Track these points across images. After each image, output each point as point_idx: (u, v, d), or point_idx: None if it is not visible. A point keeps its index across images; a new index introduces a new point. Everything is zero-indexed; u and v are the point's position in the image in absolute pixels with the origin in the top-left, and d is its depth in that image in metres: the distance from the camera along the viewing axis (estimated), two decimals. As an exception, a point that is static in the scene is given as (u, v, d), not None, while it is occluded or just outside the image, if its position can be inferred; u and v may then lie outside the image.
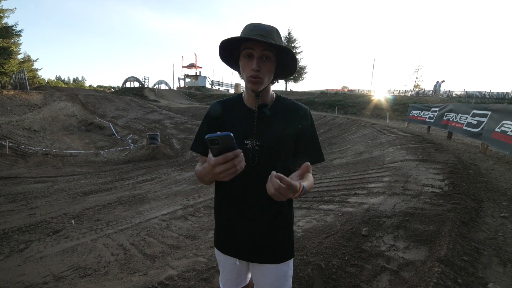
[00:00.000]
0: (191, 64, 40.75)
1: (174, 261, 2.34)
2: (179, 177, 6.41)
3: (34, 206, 4.28)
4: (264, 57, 0.77)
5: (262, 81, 0.78)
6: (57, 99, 15.00)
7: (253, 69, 0.76)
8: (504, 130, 4.40)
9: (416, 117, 8.97)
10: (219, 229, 0.95)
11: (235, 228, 0.88)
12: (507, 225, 2.23)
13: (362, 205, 2.75)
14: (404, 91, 26.23)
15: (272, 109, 0.86)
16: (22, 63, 26.74)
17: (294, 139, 0.87)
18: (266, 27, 0.78)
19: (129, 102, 19.17)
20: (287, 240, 0.91)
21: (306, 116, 0.88)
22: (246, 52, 0.78)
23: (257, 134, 0.84)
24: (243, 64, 0.80)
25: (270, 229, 0.86)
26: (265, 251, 0.87)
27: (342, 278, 1.66)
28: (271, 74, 0.82)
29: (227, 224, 0.90)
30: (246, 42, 0.77)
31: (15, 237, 3.10)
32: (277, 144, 0.84)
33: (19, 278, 2.21)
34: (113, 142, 11.53)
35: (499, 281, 1.57)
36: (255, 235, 0.86)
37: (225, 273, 0.97)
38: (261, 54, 0.76)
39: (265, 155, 0.83)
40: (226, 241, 0.92)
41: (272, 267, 0.88)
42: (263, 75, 0.78)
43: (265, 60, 0.78)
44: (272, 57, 0.79)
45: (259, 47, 0.76)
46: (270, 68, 0.79)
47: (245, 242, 0.87)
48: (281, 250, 0.89)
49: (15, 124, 10.78)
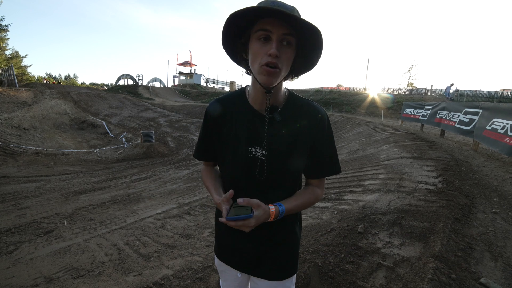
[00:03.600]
0: (186, 62, 40.36)
1: (169, 261, 2.31)
2: (174, 176, 6.34)
3: (24, 207, 4.17)
4: (286, 41, 0.60)
5: (279, 72, 0.61)
6: (48, 96, 14.63)
7: (271, 54, 0.58)
8: (494, 127, 4.50)
9: (410, 115, 9.09)
10: (220, 238, 0.88)
11: (238, 241, 0.81)
12: (498, 221, 2.28)
13: (357, 203, 2.77)
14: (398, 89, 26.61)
15: (284, 112, 0.71)
16: (10, 59, 25.94)
17: (308, 149, 0.73)
18: (287, 5, 0.61)
19: (122, 100, 18.85)
20: (292, 254, 0.83)
21: (324, 122, 0.73)
22: (261, 33, 0.60)
23: (265, 141, 0.70)
24: (256, 49, 0.61)
25: (276, 245, 0.80)
26: (269, 266, 0.80)
27: (338, 276, 1.67)
28: (289, 66, 0.65)
29: (229, 234, 0.82)
30: (263, 19, 0.60)
31: (3, 239, 3.01)
32: (288, 155, 0.71)
33: (8, 281, 2.15)
34: (107, 140, 11.33)
35: (491, 275, 1.60)
36: (259, 250, 0.79)
37: (227, 282, 0.92)
38: (282, 37, 0.60)
39: (274, 167, 0.71)
40: (228, 252, 0.86)
41: (274, 284, 0.81)
42: (281, 64, 0.61)
43: (286, 46, 0.61)
44: (293, 44, 0.62)
45: (280, 27, 0.59)
46: (290, 56, 0.63)
47: (248, 256, 0.81)
48: (286, 266, 0.82)
49: (3, 122, 10.47)
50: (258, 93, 0.70)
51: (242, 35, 0.66)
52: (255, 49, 0.62)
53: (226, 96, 0.80)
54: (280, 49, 0.60)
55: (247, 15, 0.60)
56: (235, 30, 0.65)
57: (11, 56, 27.09)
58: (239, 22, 0.62)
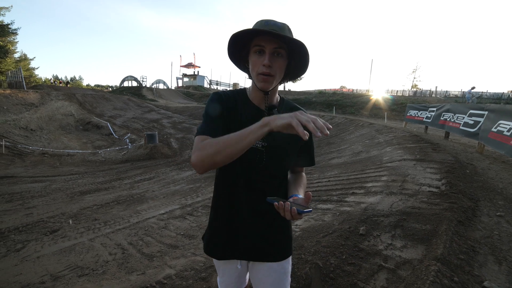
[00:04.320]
0: (189, 64, 40.66)
1: (172, 261, 2.33)
2: (177, 177, 6.39)
3: (31, 206, 4.25)
4: (276, 53, 0.75)
5: (273, 79, 0.76)
6: (54, 98, 14.89)
7: (265, 65, 0.74)
8: (500, 130, 4.44)
9: (414, 117, 9.02)
10: (215, 234, 0.90)
11: (235, 229, 0.86)
12: (503, 224, 2.25)
13: (359, 204, 2.76)
14: (402, 91, 26.41)
15: (280, 111, 0.85)
16: (19, 61, 26.51)
17: (298, 143, 0.87)
18: (278, 23, 0.76)
19: (127, 101, 19.08)
20: (288, 238, 0.93)
21: None
22: (257, 48, 0.76)
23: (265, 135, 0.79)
24: (254, 61, 0.77)
25: (272, 228, 0.87)
26: (267, 249, 0.88)
27: (339, 277, 1.67)
28: (282, 72, 0.79)
29: (226, 224, 0.87)
30: (258, 36, 0.75)
31: (11, 237, 3.07)
32: (284, 146, 0.84)
33: (16, 278, 2.20)
34: (111, 141, 11.48)
35: (494, 279, 1.58)
36: (257, 235, 0.86)
37: (225, 277, 0.95)
38: (273, 50, 0.74)
39: (272, 156, 0.83)
40: (225, 245, 0.88)
41: (274, 265, 0.89)
42: (274, 72, 0.76)
43: (277, 57, 0.76)
44: (284, 54, 0.77)
45: (271, 42, 0.74)
46: (281, 65, 0.77)
47: (246, 242, 0.86)
48: (283, 248, 0.91)
49: (11, 123, 10.69)
50: (257, 94, 0.84)
51: (243, 49, 0.81)
52: (253, 61, 0.78)
53: (229, 91, 0.88)
54: (272, 60, 0.75)
55: (246, 35, 0.75)
56: (238, 45, 0.80)
57: (19, 59, 27.68)
58: (240, 40, 0.77)
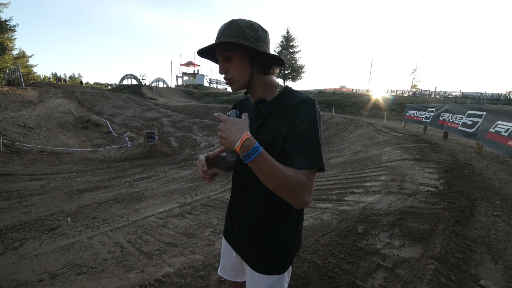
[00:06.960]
0: (189, 62, 40.57)
1: (171, 259, 2.34)
2: (176, 175, 6.39)
3: (29, 204, 4.24)
4: (226, 57, 0.76)
5: (233, 80, 0.78)
6: (53, 96, 14.82)
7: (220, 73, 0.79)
8: (498, 130, 4.47)
9: (413, 117, 9.05)
10: (226, 217, 1.00)
11: (232, 217, 0.93)
12: (500, 224, 2.27)
13: (358, 204, 2.77)
14: (401, 91, 26.45)
15: (270, 105, 0.80)
16: (17, 59, 26.36)
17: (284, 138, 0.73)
18: (223, 25, 0.76)
19: (126, 99, 19.03)
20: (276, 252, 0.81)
21: (300, 110, 0.71)
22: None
23: (254, 131, 0.80)
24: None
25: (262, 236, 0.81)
26: (253, 255, 0.83)
27: (338, 275, 1.68)
28: (242, 69, 0.76)
29: (228, 210, 0.96)
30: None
31: (9, 235, 3.07)
32: (271, 143, 0.75)
33: (14, 276, 2.19)
34: (110, 139, 11.45)
35: (490, 278, 1.60)
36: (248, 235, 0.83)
37: (223, 259, 1.00)
38: (222, 57, 0.77)
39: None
40: (227, 230, 0.97)
41: (256, 275, 0.81)
42: (232, 75, 0.77)
43: (229, 60, 0.76)
44: (236, 54, 0.75)
45: (218, 51, 0.77)
46: (236, 65, 0.76)
47: (239, 238, 0.89)
48: (267, 262, 0.81)
49: (9, 121, 10.63)
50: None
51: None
52: None
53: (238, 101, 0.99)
54: (225, 66, 0.77)
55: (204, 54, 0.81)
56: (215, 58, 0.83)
57: (17, 56, 27.53)
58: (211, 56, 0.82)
